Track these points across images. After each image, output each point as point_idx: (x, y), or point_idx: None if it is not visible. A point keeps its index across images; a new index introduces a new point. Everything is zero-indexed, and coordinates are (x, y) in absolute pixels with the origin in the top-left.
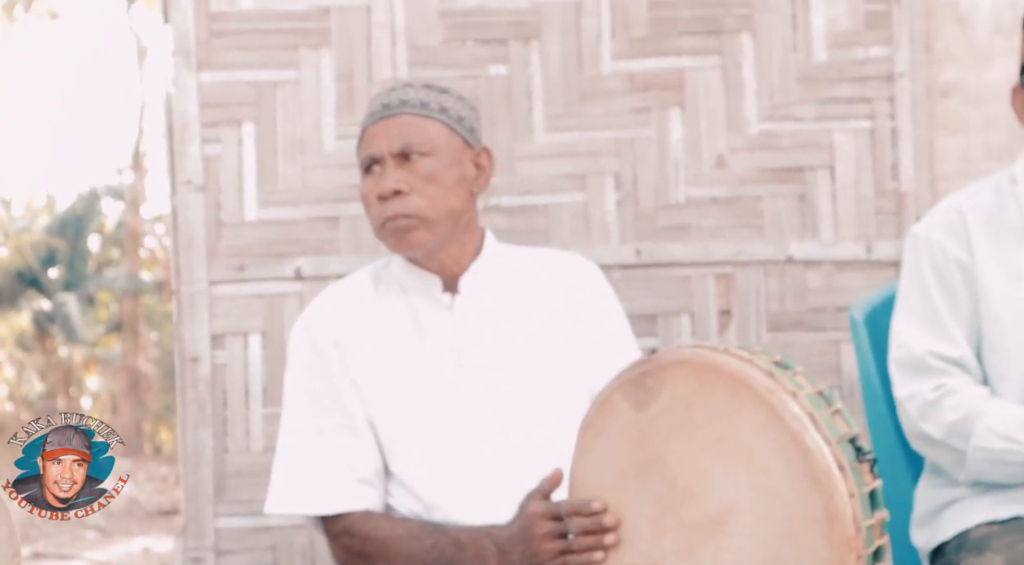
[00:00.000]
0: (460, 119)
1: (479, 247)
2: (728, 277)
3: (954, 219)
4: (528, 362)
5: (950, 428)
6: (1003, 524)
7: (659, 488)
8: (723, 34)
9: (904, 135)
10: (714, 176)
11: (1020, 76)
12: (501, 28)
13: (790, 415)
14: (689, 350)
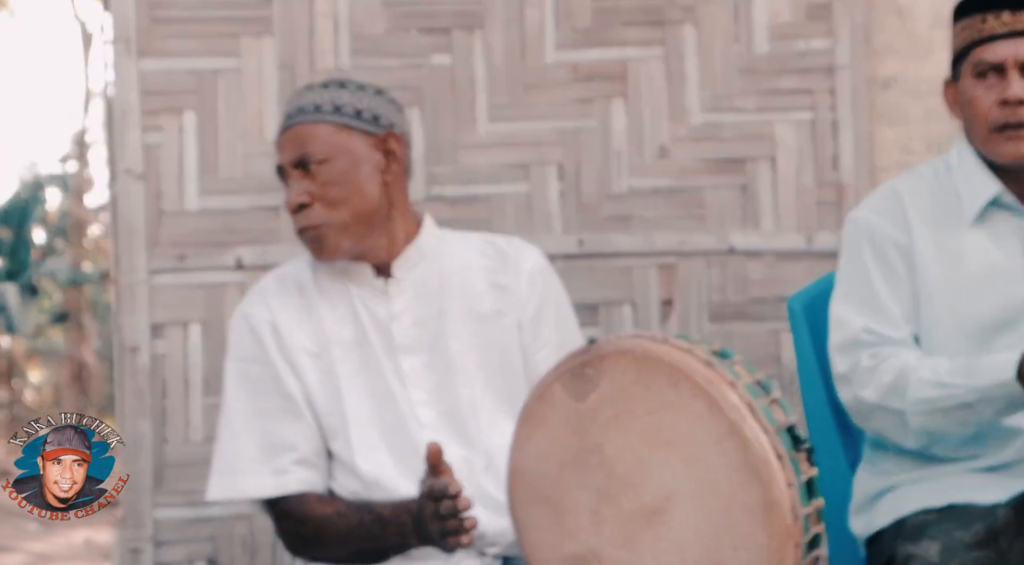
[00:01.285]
0: (358, 113)
1: (414, 232)
2: (670, 267)
3: (892, 203)
4: (461, 344)
5: (887, 389)
6: (939, 511)
7: (598, 477)
8: (666, 25)
9: (845, 127)
10: (656, 167)
11: (951, 70)
12: (445, 17)
13: (728, 405)
14: (629, 340)
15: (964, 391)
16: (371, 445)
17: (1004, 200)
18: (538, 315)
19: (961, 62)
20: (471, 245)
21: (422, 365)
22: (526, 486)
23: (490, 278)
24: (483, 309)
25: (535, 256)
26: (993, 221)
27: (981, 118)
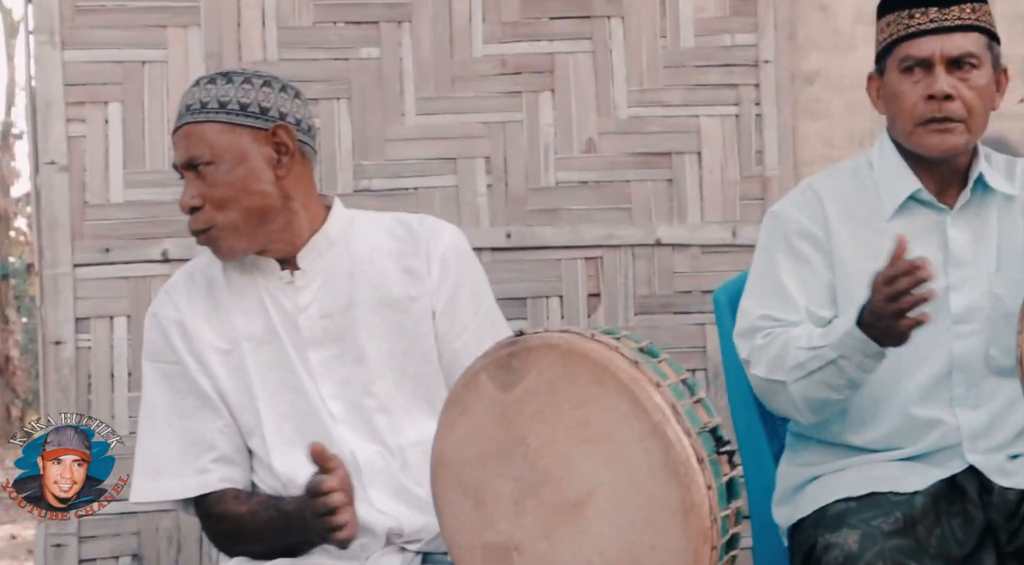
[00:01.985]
0: (243, 107)
1: (321, 220)
2: (597, 260)
3: (810, 198)
4: (371, 333)
5: (771, 363)
6: (859, 500)
7: (521, 469)
8: (593, 19)
9: (769, 121)
10: (584, 160)
11: (876, 64)
12: (372, 10)
13: (652, 406)
14: (557, 335)
15: (826, 349)
16: (286, 441)
17: (922, 196)
18: (453, 300)
19: (886, 57)
20: (382, 226)
21: (332, 358)
22: (449, 473)
23: (401, 262)
24: (394, 295)
25: (449, 236)
26: (912, 216)
27: (907, 112)
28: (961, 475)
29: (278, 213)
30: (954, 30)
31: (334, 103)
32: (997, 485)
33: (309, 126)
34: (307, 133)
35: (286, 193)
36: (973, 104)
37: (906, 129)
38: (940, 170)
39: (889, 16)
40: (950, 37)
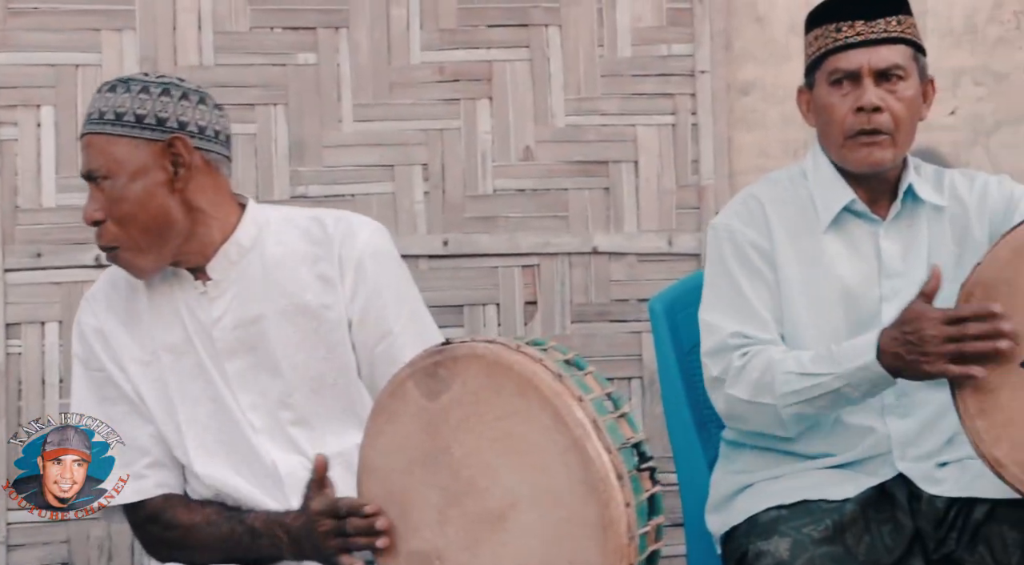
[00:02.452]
0: (139, 119)
1: (232, 228)
2: (534, 268)
3: (753, 208)
4: (285, 343)
5: (755, 386)
6: (790, 508)
7: (445, 478)
8: (531, 28)
9: (705, 131)
10: (521, 168)
11: (805, 78)
12: (309, 16)
13: (573, 421)
14: (482, 345)
15: (830, 379)
16: (209, 452)
17: (856, 207)
18: (370, 308)
19: (815, 70)
20: (297, 228)
21: (249, 368)
22: (375, 481)
23: (315, 268)
24: (307, 303)
25: (366, 238)
26: (847, 227)
27: (836, 125)
28: (891, 483)
29: (182, 226)
30: (881, 43)
31: (271, 109)
32: (926, 493)
33: (217, 132)
34: (214, 140)
35: (190, 205)
36: (901, 116)
37: (836, 142)
38: (871, 182)
39: (816, 30)
40: (877, 50)
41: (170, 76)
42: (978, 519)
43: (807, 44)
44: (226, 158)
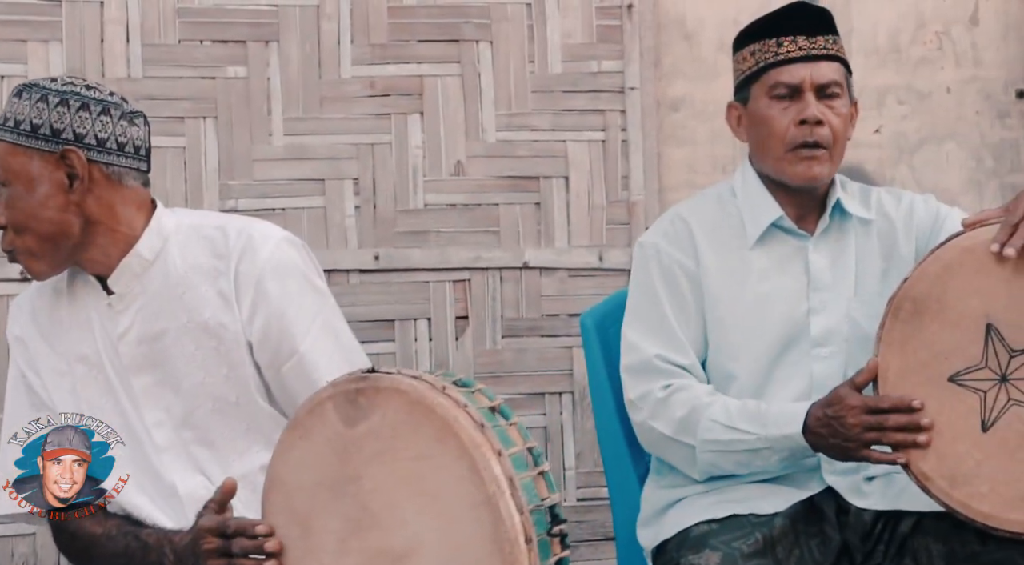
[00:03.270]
0: (35, 129)
1: (134, 241)
2: (465, 283)
3: (679, 228)
4: (187, 360)
5: (678, 424)
6: (720, 522)
7: (351, 508)
8: (462, 43)
9: (635, 147)
10: (452, 183)
11: (736, 94)
12: (239, 29)
13: (490, 476)
14: (407, 380)
15: (753, 439)
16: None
17: (784, 223)
18: (270, 328)
19: (751, 84)
20: (203, 239)
21: (154, 384)
22: (281, 495)
23: (215, 284)
24: (206, 320)
25: (268, 254)
26: (775, 243)
27: (778, 137)
28: (819, 496)
29: (78, 237)
30: (820, 59)
31: (200, 122)
32: (853, 506)
33: (122, 144)
34: (116, 152)
35: (88, 217)
36: (838, 131)
37: (775, 155)
38: (800, 198)
39: (754, 45)
40: (817, 65)
41: (80, 82)
42: (904, 532)
43: (740, 60)
44: (135, 170)
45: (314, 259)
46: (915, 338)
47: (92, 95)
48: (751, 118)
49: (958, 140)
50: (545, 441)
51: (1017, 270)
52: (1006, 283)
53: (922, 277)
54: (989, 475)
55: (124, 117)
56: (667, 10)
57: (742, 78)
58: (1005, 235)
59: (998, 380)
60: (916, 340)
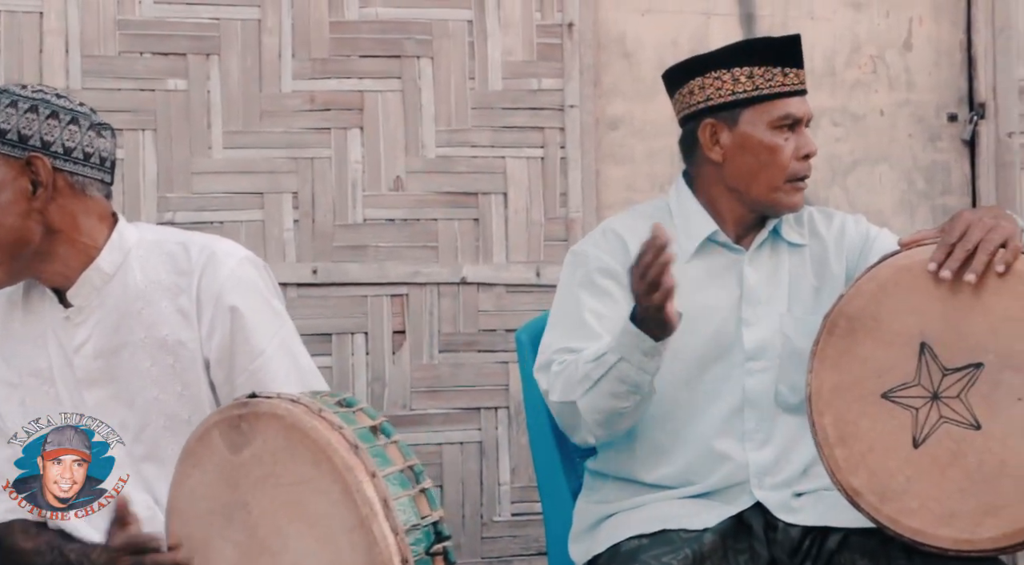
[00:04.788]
0: (2, 133)
1: (95, 253)
2: (403, 297)
3: (611, 238)
4: (142, 376)
5: (563, 386)
6: (651, 537)
7: (241, 534)
8: (403, 59)
9: (573, 164)
10: (391, 198)
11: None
12: (180, 42)
13: (361, 499)
14: (284, 405)
15: (608, 355)
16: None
17: (719, 238)
18: (227, 347)
19: (745, 107)
20: (164, 254)
21: (108, 398)
22: (180, 524)
23: (175, 301)
24: (165, 337)
25: (228, 271)
26: (710, 256)
27: (780, 168)
28: (748, 512)
29: (39, 246)
30: (806, 93)
31: (139, 134)
32: (781, 522)
33: (88, 154)
34: (83, 162)
35: (49, 226)
36: None
37: (774, 184)
38: (738, 213)
39: (752, 68)
40: (805, 99)
41: (51, 91)
42: (831, 548)
43: (731, 80)
44: (99, 181)
45: (274, 280)
46: (849, 355)
47: (62, 104)
48: (743, 142)
49: (891, 162)
50: (481, 456)
51: (952, 290)
52: (941, 302)
53: (857, 294)
54: (919, 491)
55: (92, 128)
56: (607, 30)
57: (732, 99)
58: (942, 255)
59: (930, 398)
60: (850, 357)
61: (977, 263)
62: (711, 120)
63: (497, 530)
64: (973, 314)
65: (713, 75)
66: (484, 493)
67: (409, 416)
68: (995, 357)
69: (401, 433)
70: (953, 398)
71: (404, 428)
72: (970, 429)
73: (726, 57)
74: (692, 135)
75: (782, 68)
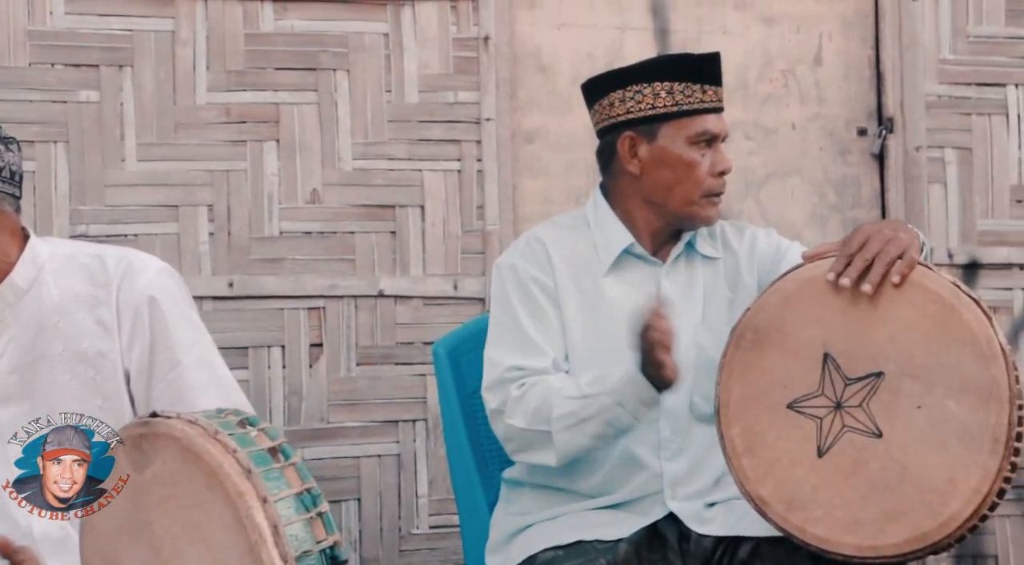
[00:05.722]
0: None
1: (8, 269)
2: (320, 310)
3: (536, 248)
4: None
5: (533, 413)
6: (566, 548)
7: (146, 553)
8: (319, 71)
9: (490, 177)
10: (308, 210)
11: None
12: (92, 53)
13: (252, 525)
14: (181, 427)
15: (601, 396)
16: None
17: (636, 250)
18: (147, 357)
19: (664, 122)
20: (80, 267)
21: (23, 415)
22: (92, 541)
23: (94, 312)
24: (84, 350)
25: (147, 281)
26: (628, 270)
27: (696, 183)
28: (662, 522)
29: None
30: (723, 110)
31: (51, 146)
32: (695, 532)
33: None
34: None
35: None
36: None
37: (691, 198)
38: (655, 226)
39: (672, 83)
40: (722, 116)
41: None
42: (743, 558)
43: (651, 94)
44: (9, 195)
45: (188, 292)
46: (756, 366)
47: None
48: (661, 156)
49: (802, 175)
50: (398, 469)
51: (853, 301)
52: (842, 314)
53: (763, 307)
54: (824, 500)
55: (0, 142)
56: (523, 43)
57: (652, 113)
58: (840, 266)
59: (834, 407)
60: (757, 368)
61: (874, 274)
62: (630, 133)
63: (415, 543)
64: (873, 325)
65: (634, 89)
66: (402, 506)
67: (326, 429)
68: (894, 366)
69: (318, 447)
70: (855, 407)
71: (321, 442)
72: (872, 437)
73: (647, 71)
74: (610, 147)
75: (702, 85)
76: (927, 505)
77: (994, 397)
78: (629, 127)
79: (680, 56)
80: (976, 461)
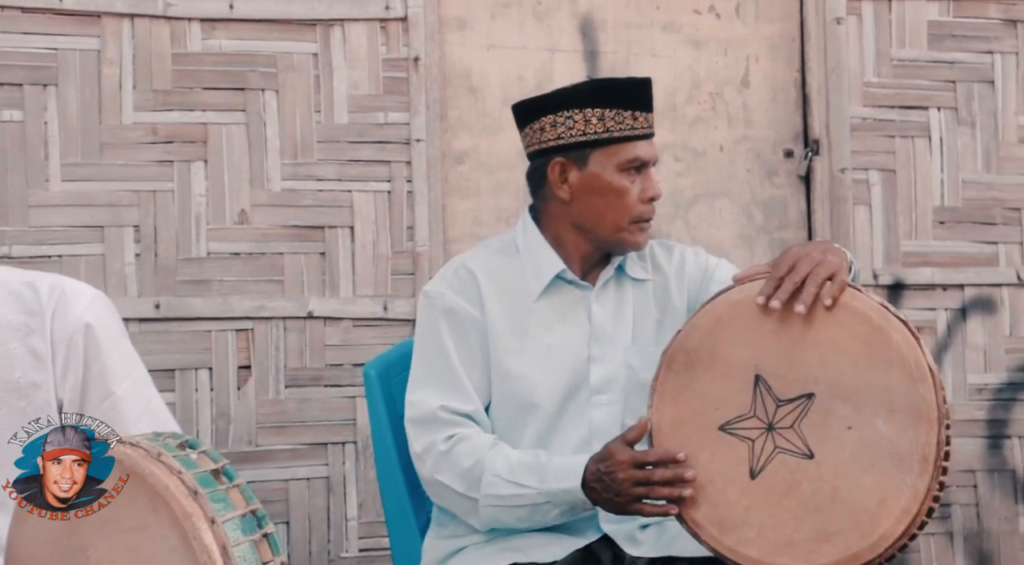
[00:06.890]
0: None
1: None
2: (248, 332)
3: (464, 277)
4: None
5: (463, 477)
6: None
7: None
8: (248, 91)
9: (420, 198)
10: (236, 231)
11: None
12: (16, 71)
13: (200, 546)
14: (123, 449)
15: (534, 493)
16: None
17: (567, 275)
18: (80, 387)
19: (595, 148)
20: (10, 293)
21: None
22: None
23: (26, 342)
24: (16, 380)
25: (81, 309)
26: (558, 294)
27: (626, 209)
28: (596, 544)
29: None
30: (653, 135)
31: None
32: (628, 554)
33: None
34: None
35: None
36: None
37: (620, 224)
38: (584, 251)
39: (602, 110)
40: (652, 142)
41: None
42: None
43: (582, 120)
44: None
45: (120, 320)
46: (688, 389)
47: None
48: (592, 182)
49: (731, 197)
50: (328, 492)
51: (783, 323)
52: (773, 336)
53: (694, 329)
54: (757, 521)
55: None
56: (453, 64)
57: (583, 139)
58: (771, 288)
59: (765, 429)
60: (689, 391)
61: (806, 294)
62: (561, 159)
63: None
64: (804, 346)
65: (565, 114)
66: (331, 529)
67: (255, 452)
68: (825, 387)
69: (247, 470)
70: (787, 428)
71: (250, 465)
72: (804, 458)
73: (578, 97)
74: (541, 171)
75: (632, 112)
76: (858, 525)
77: (923, 417)
78: (560, 153)
79: (611, 81)
80: (906, 481)
